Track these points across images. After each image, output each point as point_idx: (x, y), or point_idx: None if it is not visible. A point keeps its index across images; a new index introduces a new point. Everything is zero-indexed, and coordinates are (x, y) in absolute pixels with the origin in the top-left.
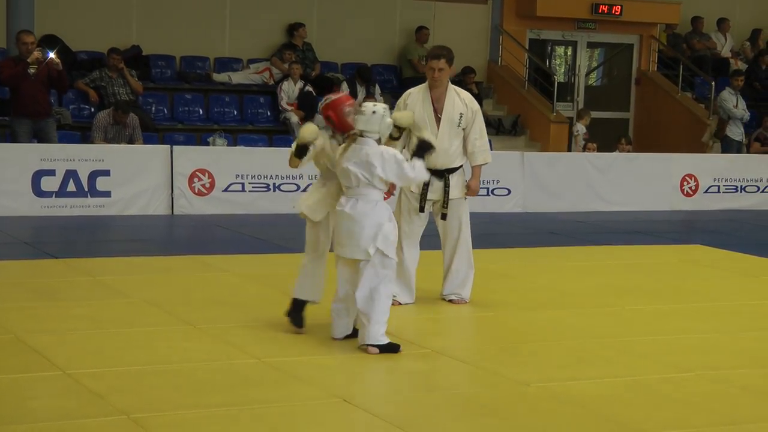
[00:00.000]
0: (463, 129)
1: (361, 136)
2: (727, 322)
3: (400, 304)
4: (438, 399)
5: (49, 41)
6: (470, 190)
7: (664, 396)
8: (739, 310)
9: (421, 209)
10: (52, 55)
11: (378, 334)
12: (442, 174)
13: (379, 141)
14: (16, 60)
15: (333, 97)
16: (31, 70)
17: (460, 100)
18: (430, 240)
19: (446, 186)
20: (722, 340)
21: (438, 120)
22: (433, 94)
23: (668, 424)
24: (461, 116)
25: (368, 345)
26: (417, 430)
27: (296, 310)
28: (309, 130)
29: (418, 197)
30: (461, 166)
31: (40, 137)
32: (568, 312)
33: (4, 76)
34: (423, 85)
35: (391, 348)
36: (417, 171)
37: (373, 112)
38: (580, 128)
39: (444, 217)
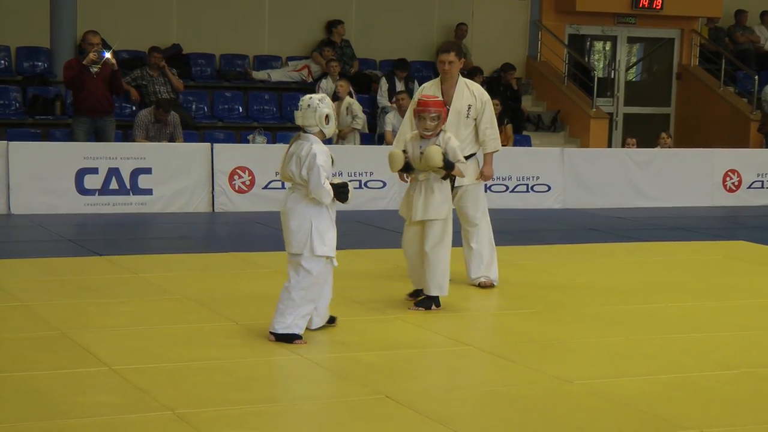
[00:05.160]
0: (474, 119)
1: (304, 131)
2: None
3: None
4: (480, 396)
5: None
6: (483, 176)
7: (708, 393)
8: None
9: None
10: (108, 55)
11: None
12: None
13: (321, 134)
14: (78, 60)
15: None
16: (94, 69)
17: (469, 92)
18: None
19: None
20: (766, 337)
21: (446, 111)
22: (444, 87)
23: (712, 422)
24: (470, 108)
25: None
26: (460, 427)
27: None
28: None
29: None
30: (474, 153)
31: (99, 135)
32: (609, 309)
33: (66, 78)
34: (436, 79)
35: (291, 338)
36: (323, 189)
37: (308, 105)
38: None
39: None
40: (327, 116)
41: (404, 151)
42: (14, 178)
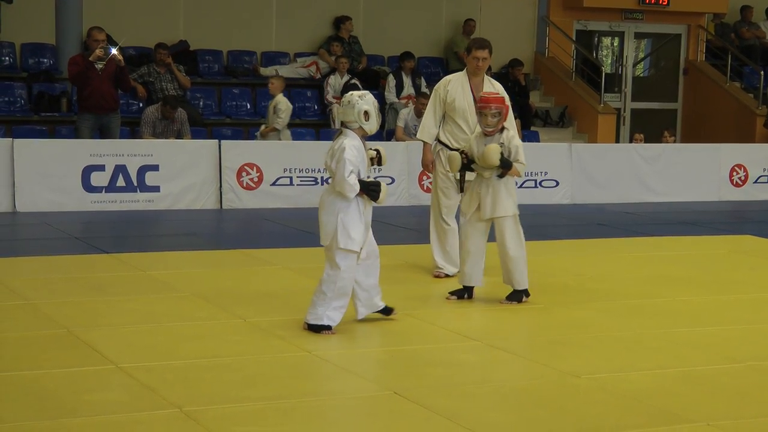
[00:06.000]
0: None
1: (345, 127)
2: None
3: (447, 275)
4: (489, 391)
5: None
6: (511, 173)
7: (715, 387)
8: None
9: (461, 189)
10: (114, 51)
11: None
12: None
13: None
14: (84, 57)
15: None
16: (99, 65)
17: (494, 90)
18: None
19: None
20: None
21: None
22: (473, 83)
23: (719, 415)
24: None
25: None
26: (469, 423)
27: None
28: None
29: (454, 177)
30: None
31: (104, 132)
32: (617, 303)
33: (71, 75)
34: (461, 72)
35: (320, 328)
36: (347, 181)
37: (348, 102)
38: None
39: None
40: (366, 112)
41: (462, 152)
42: (20, 176)
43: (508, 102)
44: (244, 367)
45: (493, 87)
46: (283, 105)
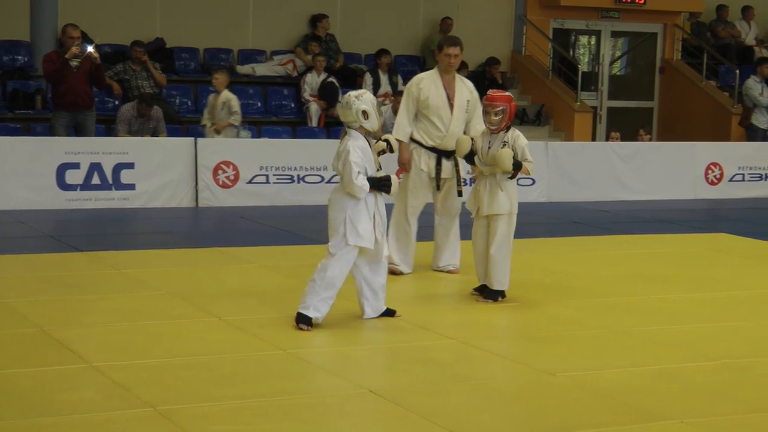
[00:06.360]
0: (466, 113)
1: (348, 127)
2: (752, 311)
3: (402, 273)
4: (465, 389)
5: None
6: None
7: (690, 384)
8: (765, 299)
9: (438, 188)
10: (90, 49)
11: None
12: (451, 155)
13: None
14: (59, 54)
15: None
16: (74, 63)
17: (465, 87)
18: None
19: (456, 165)
20: (747, 328)
21: (451, 106)
22: (445, 80)
23: (693, 412)
24: (468, 102)
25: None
26: (445, 421)
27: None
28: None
29: (429, 176)
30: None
31: (79, 130)
32: (593, 301)
33: (46, 72)
34: (432, 71)
35: (303, 319)
36: (356, 183)
37: (346, 102)
38: None
39: (460, 194)
40: (364, 111)
41: (472, 138)
42: None
43: (478, 99)
44: (220, 366)
45: (464, 84)
46: (235, 101)
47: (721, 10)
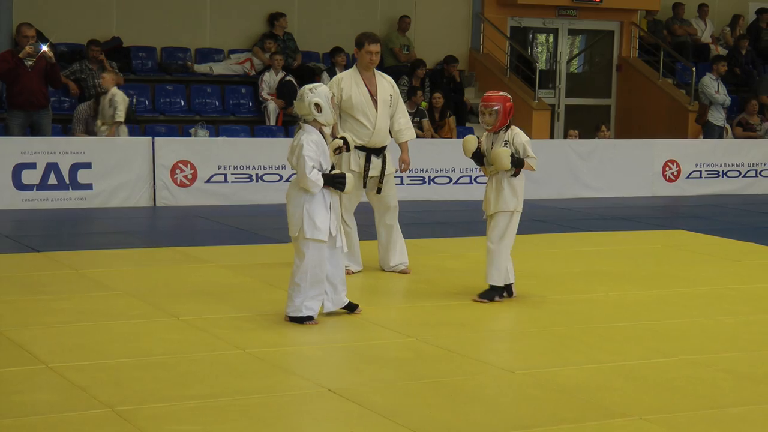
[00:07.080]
0: (389, 108)
1: (303, 121)
2: (709, 307)
3: (353, 272)
4: (424, 387)
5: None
6: (406, 164)
7: (648, 381)
8: (722, 295)
9: (365, 185)
10: (45, 48)
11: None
12: (380, 152)
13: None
14: (13, 53)
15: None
16: (29, 62)
17: (386, 83)
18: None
19: (384, 163)
20: (705, 324)
21: (375, 102)
22: (365, 77)
23: (652, 409)
24: (391, 97)
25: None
26: (404, 419)
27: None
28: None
29: (360, 175)
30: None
31: (35, 129)
32: (551, 298)
33: (0, 72)
34: (351, 69)
35: (300, 321)
36: (309, 178)
37: (300, 95)
38: None
39: (380, 191)
40: (317, 104)
41: (478, 138)
42: None
43: (399, 93)
44: (177, 366)
45: (385, 80)
46: (119, 98)
47: (677, 8)
